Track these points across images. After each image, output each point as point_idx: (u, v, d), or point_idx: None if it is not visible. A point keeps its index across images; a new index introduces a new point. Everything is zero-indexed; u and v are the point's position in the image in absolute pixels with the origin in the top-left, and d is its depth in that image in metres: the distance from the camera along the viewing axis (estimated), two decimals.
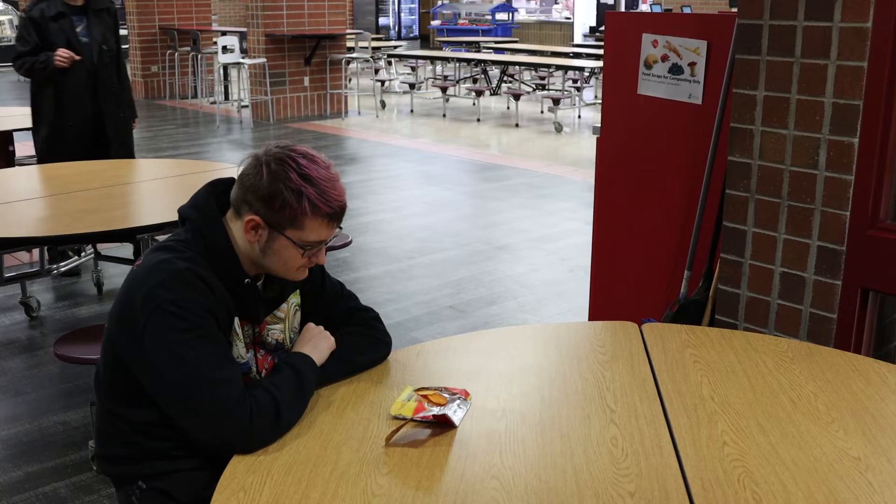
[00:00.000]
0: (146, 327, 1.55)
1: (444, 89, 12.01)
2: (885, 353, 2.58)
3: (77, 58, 4.66)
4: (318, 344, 1.74)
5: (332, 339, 1.77)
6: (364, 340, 1.82)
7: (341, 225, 1.72)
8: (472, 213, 6.45)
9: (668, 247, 3.20)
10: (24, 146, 6.26)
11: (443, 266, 5.15)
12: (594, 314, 3.54)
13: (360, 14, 21.74)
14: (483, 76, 13.51)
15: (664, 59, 3.09)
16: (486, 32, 19.14)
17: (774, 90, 2.41)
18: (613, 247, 3.42)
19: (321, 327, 1.79)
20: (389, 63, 15.11)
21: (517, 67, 13.18)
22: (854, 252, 2.34)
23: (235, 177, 1.69)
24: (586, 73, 11.07)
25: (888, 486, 1.40)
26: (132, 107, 5.14)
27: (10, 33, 16.81)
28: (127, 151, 5.02)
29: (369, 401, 1.67)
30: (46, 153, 4.76)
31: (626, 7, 18.27)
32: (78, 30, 4.71)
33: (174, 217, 1.77)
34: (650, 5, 16.56)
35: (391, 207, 6.52)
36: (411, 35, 22.10)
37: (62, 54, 4.60)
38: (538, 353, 1.92)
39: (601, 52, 8.89)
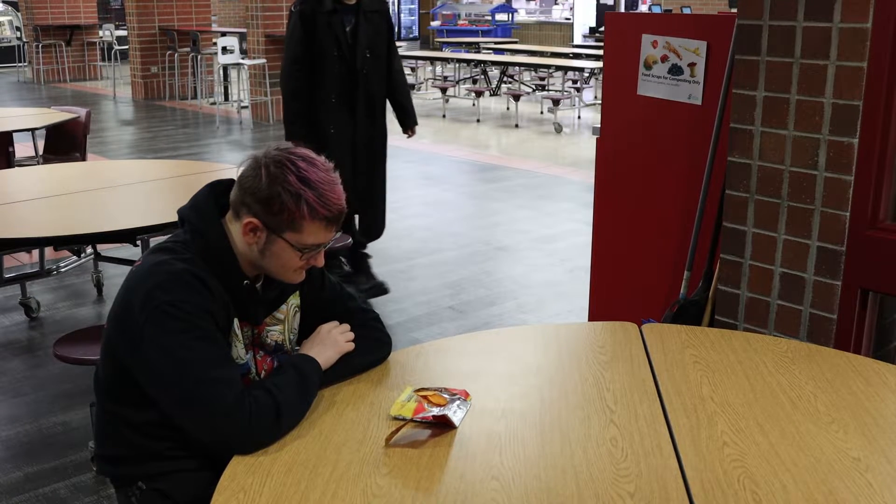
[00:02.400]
0: (145, 328, 1.55)
1: (443, 90, 12.01)
2: (885, 354, 2.58)
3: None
4: (326, 348, 1.74)
5: (344, 345, 1.76)
6: (364, 341, 1.82)
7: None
8: (472, 213, 6.45)
9: (668, 247, 3.20)
10: (24, 147, 6.27)
11: (443, 266, 5.15)
12: (594, 314, 3.54)
13: None
14: (483, 77, 13.51)
15: (664, 59, 3.09)
16: (485, 33, 19.14)
17: (774, 91, 2.41)
18: (613, 247, 3.42)
19: (335, 332, 1.78)
20: None
21: (517, 68, 13.18)
22: (854, 252, 2.34)
23: (235, 178, 1.69)
24: (586, 74, 11.08)
25: (888, 486, 1.40)
26: (407, 115, 4.62)
27: (9, 34, 16.82)
28: (373, 170, 4.50)
29: (369, 401, 1.67)
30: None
31: (625, 8, 18.28)
32: (347, 30, 4.31)
33: (174, 218, 1.77)
34: (650, 6, 16.56)
35: (391, 208, 6.49)
36: (411, 36, 22.10)
37: None
38: (538, 354, 1.92)
39: (601, 52, 8.88)
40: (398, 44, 5.11)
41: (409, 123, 4.67)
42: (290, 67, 4.28)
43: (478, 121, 11.12)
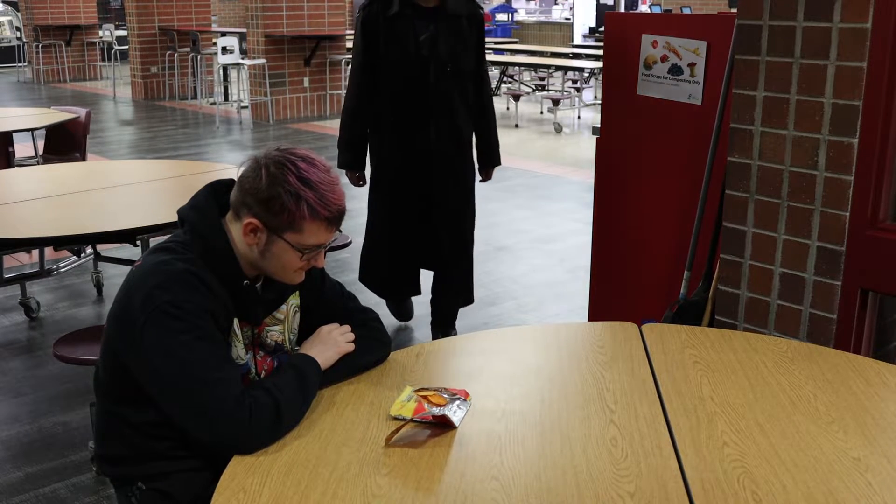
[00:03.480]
0: (145, 328, 1.55)
1: None
2: (885, 354, 2.58)
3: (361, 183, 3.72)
4: (326, 348, 1.74)
5: (344, 346, 1.77)
6: (364, 342, 1.82)
7: (341, 227, 1.72)
8: None
9: (668, 247, 3.20)
10: (24, 147, 6.27)
11: None
12: (594, 314, 3.54)
13: None
14: None
15: (664, 59, 3.09)
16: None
17: (774, 91, 2.41)
18: (613, 247, 3.42)
19: (335, 332, 1.78)
20: None
21: (517, 68, 13.18)
22: (854, 252, 2.34)
23: (235, 178, 1.70)
24: (586, 74, 11.08)
25: (888, 486, 1.40)
26: (490, 152, 3.73)
27: (9, 34, 16.82)
28: (452, 216, 3.66)
29: (369, 401, 1.67)
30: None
31: (625, 8, 18.28)
32: (420, 39, 3.42)
33: (174, 218, 1.77)
34: (650, 6, 16.57)
35: None
36: None
37: (356, 182, 3.71)
38: (538, 354, 1.92)
39: (601, 52, 8.87)
40: None
41: (489, 163, 3.78)
42: (353, 80, 3.61)
43: None
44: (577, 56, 12.91)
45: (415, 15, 3.42)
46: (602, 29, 13.81)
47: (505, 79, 13.49)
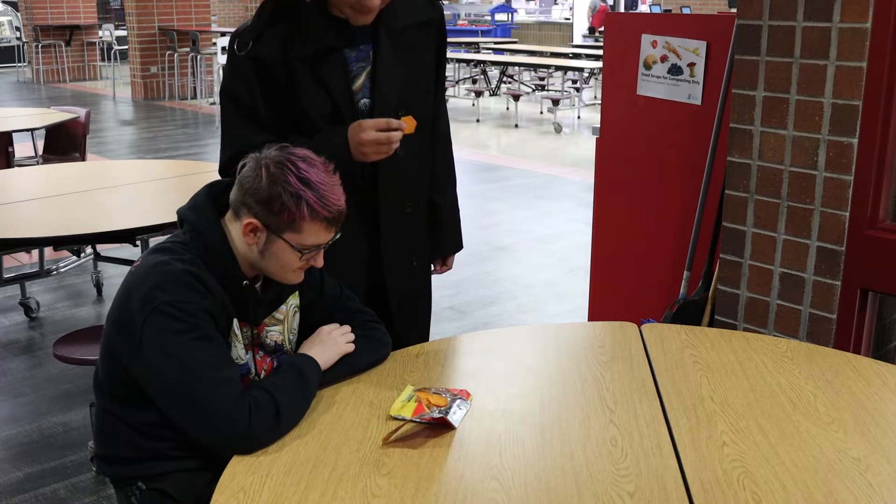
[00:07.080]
0: (144, 329, 1.55)
1: None
2: (885, 354, 2.58)
3: None
4: (326, 348, 1.74)
5: (344, 346, 1.77)
6: (364, 342, 1.82)
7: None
8: (472, 213, 6.45)
9: (668, 247, 3.20)
10: (24, 147, 6.27)
11: None
12: (594, 314, 3.54)
13: None
14: (482, 77, 13.51)
15: (663, 59, 3.09)
16: (485, 33, 19.15)
17: (774, 91, 2.42)
18: (613, 247, 3.42)
19: (334, 332, 1.78)
20: None
21: (516, 68, 13.19)
22: (853, 252, 2.34)
23: (235, 178, 1.70)
24: (585, 74, 11.08)
25: (888, 486, 1.40)
26: (454, 231, 2.31)
27: (9, 34, 16.82)
28: (410, 323, 2.20)
29: (369, 401, 1.67)
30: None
31: (625, 7, 18.28)
32: (356, 85, 1.95)
33: (174, 218, 1.77)
34: (649, 6, 16.58)
35: None
36: None
37: None
38: (538, 354, 1.92)
39: (600, 52, 8.87)
40: None
41: (452, 248, 2.36)
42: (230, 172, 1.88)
43: (477, 121, 11.12)
44: (576, 56, 12.91)
45: (342, 43, 1.91)
46: (602, 29, 13.82)
47: (505, 79, 13.49)
